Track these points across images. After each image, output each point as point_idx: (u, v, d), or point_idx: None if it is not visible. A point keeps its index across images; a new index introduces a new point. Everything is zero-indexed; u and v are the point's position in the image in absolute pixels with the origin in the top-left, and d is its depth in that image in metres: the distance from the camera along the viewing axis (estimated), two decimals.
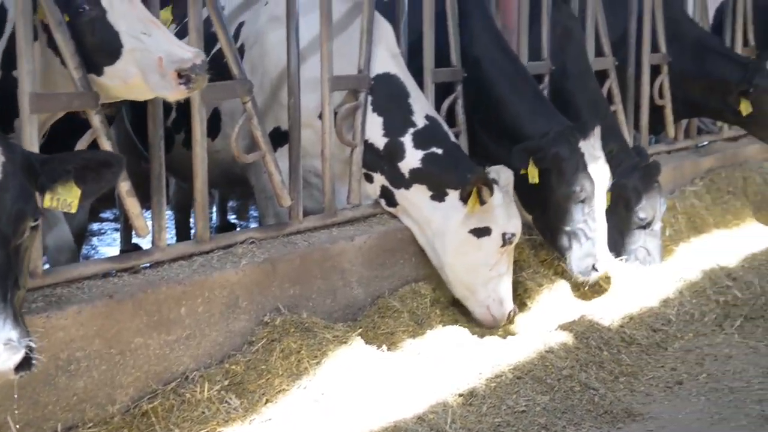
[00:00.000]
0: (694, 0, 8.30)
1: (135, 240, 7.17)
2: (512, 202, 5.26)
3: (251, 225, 8.50)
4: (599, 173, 5.59)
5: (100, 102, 4.05)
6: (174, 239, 7.14)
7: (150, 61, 3.83)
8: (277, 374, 4.29)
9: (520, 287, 5.64)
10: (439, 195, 5.24)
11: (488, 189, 5.04)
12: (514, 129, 5.81)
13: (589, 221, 5.57)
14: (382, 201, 5.47)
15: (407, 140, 5.31)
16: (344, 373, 4.32)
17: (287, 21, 5.02)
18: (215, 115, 5.64)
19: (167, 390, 4.11)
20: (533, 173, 5.49)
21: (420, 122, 5.35)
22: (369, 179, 5.45)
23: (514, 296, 5.35)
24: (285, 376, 4.28)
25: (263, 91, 5.41)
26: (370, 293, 5.19)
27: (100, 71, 3.96)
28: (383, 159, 5.37)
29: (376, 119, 5.37)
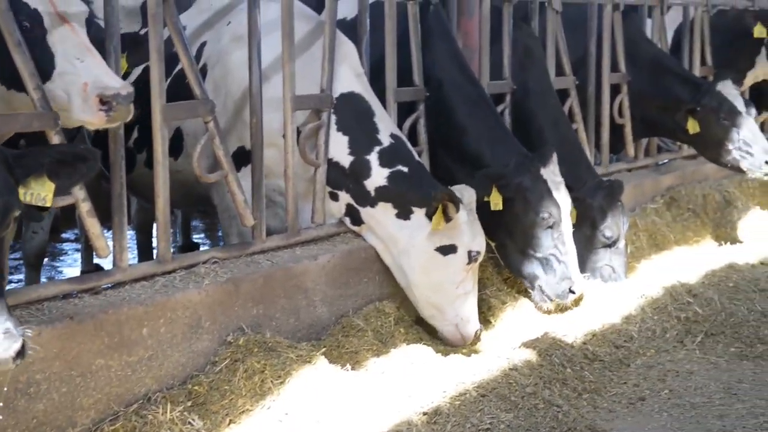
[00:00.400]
0: (653, 21, 8.42)
1: (97, 260, 7.11)
2: (476, 220, 5.28)
3: (222, 244, 8.46)
4: (562, 198, 5.67)
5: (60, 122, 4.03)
6: (136, 259, 7.08)
7: (76, 85, 3.88)
8: (241, 394, 4.26)
9: (484, 305, 5.66)
10: (405, 213, 5.25)
11: (454, 206, 5.07)
12: (473, 153, 5.88)
13: (560, 245, 5.64)
14: (347, 220, 5.47)
15: (373, 158, 5.33)
16: (308, 393, 4.30)
17: (249, 41, 5.02)
18: (178, 135, 5.62)
19: (129, 412, 4.06)
20: (496, 200, 5.54)
21: (385, 141, 5.37)
22: (334, 197, 5.45)
23: (478, 314, 5.36)
24: (248, 397, 4.25)
25: (227, 111, 5.40)
26: (334, 312, 5.18)
27: None
28: (348, 177, 5.37)
29: (342, 138, 5.38)
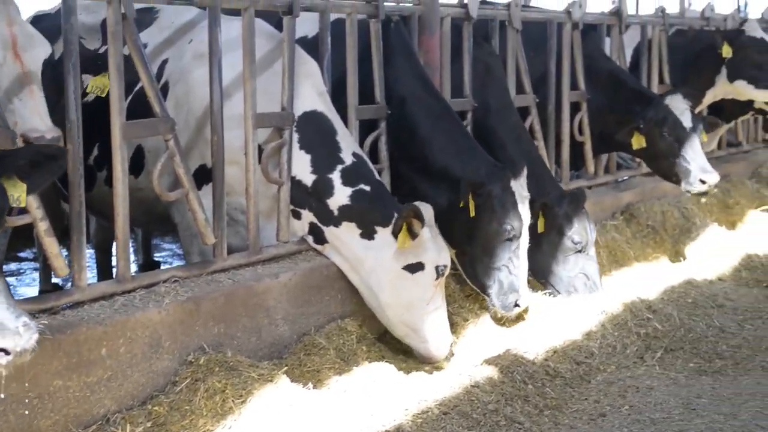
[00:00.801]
0: (612, 39, 8.52)
1: (55, 280, 7.02)
2: (438, 235, 5.31)
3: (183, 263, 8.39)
4: (525, 213, 5.72)
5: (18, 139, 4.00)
6: (96, 278, 7.01)
7: (9, 122, 4.00)
8: (201, 414, 4.23)
9: None
10: (369, 233, 5.25)
11: (419, 222, 5.08)
12: (442, 166, 5.89)
13: (514, 259, 5.67)
14: (310, 238, 5.46)
15: (336, 177, 5.33)
16: (270, 412, 4.28)
17: (210, 58, 5.01)
18: (138, 153, 5.59)
19: None
20: (472, 206, 5.58)
21: (348, 159, 5.38)
22: (297, 216, 5.44)
23: None
24: (209, 417, 4.22)
25: (188, 128, 5.38)
26: (296, 331, 5.16)
27: None
28: (311, 196, 5.37)
29: (304, 156, 5.38)
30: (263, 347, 4.97)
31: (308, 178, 5.37)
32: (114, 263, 6.27)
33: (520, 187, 5.73)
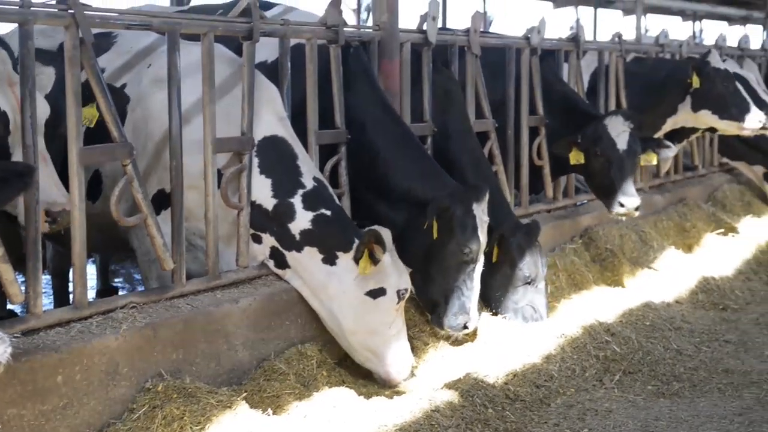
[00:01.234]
0: (569, 65, 8.62)
1: (10, 306, 6.91)
2: (398, 259, 5.32)
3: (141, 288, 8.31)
4: (483, 237, 5.75)
5: None
6: (52, 305, 6.91)
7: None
8: None
9: None
10: (330, 258, 5.25)
11: (381, 248, 5.09)
12: (404, 189, 5.90)
13: (468, 281, 5.70)
14: (271, 262, 5.45)
15: (297, 201, 5.32)
16: None
17: (168, 83, 5.00)
18: (96, 178, 5.55)
19: None
20: (435, 227, 5.61)
21: (309, 184, 5.38)
22: (258, 240, 5.42)
23: None
24: None
25: (147, 153, 5.36)
26: (256, 356, 5.13)
27: None
28: (272, 220, 5.36)
29: (265, 180, 5.37)
30: (222, 373, 4.93)
31: (269, 203, 5.36)
32: (71, 289, 6.21)
33: (481, 212, 5.77)
